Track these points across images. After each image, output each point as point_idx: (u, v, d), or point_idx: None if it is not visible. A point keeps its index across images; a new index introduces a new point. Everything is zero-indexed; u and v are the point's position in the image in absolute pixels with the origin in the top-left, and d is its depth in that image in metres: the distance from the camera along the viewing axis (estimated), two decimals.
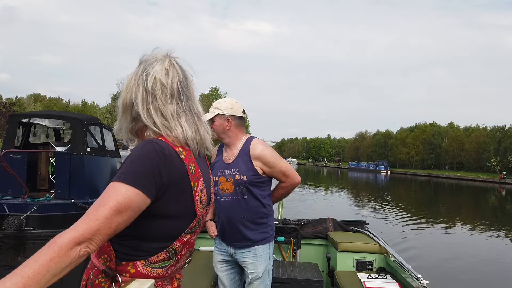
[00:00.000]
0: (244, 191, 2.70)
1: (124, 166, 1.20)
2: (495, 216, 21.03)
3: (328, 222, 4.58)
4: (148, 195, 1.17)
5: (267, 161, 2.72)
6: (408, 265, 3.49)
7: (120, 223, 1.12)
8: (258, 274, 2.74)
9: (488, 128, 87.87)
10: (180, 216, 1.29)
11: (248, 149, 2.73)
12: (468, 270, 8.92)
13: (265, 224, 2.79)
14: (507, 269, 9.33)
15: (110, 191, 1.13)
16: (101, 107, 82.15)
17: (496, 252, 11.16)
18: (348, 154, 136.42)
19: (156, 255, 1.28)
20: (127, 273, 1.27)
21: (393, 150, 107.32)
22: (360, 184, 45.08)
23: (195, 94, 1.42)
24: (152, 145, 1.22)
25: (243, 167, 2.70)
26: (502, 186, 51.40)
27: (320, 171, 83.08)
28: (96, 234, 1.07)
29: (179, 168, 1.26)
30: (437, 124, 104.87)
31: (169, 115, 1.30)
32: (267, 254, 2.79)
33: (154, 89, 1.30)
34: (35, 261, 0.97)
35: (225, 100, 2.81)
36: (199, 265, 3.61)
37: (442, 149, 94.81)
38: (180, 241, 1.31)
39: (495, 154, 77.00)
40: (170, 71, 1.33)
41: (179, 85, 1.34)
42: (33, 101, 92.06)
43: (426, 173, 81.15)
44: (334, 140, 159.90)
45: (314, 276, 3.56)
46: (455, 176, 72.58)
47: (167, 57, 1.36)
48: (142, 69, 1.34)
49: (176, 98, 1.32)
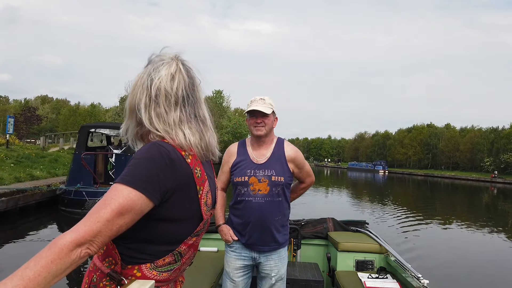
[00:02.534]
0: (280, 193, 2.57)
1: (128, 168, 1.15)
2: (490, 214, 20.88)
3: (328, 222, 4.47)
4: (151, 199, 1.13)
5: (299, 162, 2.67)
6: (408, 265, 3.41)
7: (121, 225, 1.09)
8: (281, 276, 2.65)
9: (484, 129, 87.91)
10: (186, 220, 1.25)
11: (282, 150, 2.62)
12: (467, 269, 8.76)
13: (287, 226, 2.71)
14: (507, 267, 9.17)
15: (112, 193, 1.10)
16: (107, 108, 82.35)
17: (495, 250, 11.02)
18: (348, 154, 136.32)
19: (162, 259, 1.24)
20: (133, 277, 1.22)
21: (391, 150, 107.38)
22: (359, 184, 45.03)
23: (202, 99, 1.36)
24: (157, 148, 1.18)
25: (279, 168, 2.57)
26: (494, 185, 52.02)
27: (320, 171, 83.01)
28: (97, 236, 1.04)
29: (185, 172, 1.22)
30: (434, 125, 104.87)
31: (172, 122, 1.25)
32: (287, 256, 2.73)
33: (158, 96, 1.24)
34: (36, 263, 0.94)
35: (267, 97, 2.63)
36: (199, 266, 3.51)
37: (438, 150, 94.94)
38: (186, 244, 1.28)
39: (488, 154, 77.26)
40: (176, 76, 1.27)
41: (184, 91, 1.28)
42: (41, 103, 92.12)
43: (422, 173, 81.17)
44: (335, 140, 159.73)
45: (315, 276, 3.46)
46: (449, 175, 72.71)
47: (175, 60, 1.29)
48: (148, 72, 1.28)
49: (180, 105, 1.27)
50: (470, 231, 14.17)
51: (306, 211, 13.42)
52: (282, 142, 2.66)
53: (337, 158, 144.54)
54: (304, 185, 2.86)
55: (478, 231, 14.06)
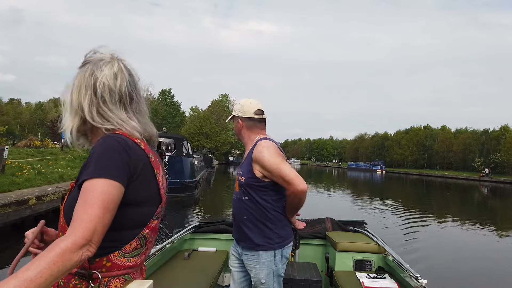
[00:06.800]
0: (245, 192, 2.44)
1: (93, 163, 1.12)
2: (481, 212, 20.73)
3: (326, 222, 4.30)
4: (123, 185, 1.14)
5: (263, 164, 2.35)
6: (406, 265, 3.26)
7: (109, 219, 1.09)
8: (260, 280, 2.44)
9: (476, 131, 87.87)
10: (148, 201, 1.24)
11: (252, 151, 2.45)
12: (465, 268, 8.51)
13: (269, 231, 2.43)
14: (505, 266, 8.88)
15: (90, 191, 1.08)
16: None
17: (494, 249, 10.78)
18: (349, 155, 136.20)
19: (128, 244, 1.20)
20: (103, 268, 1.17)
21: (390, 151, 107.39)
22: (359, 183, 45.10)
23: (142, 95, 1.38)
24: (113, 139, 1.18)
25: (245, 168, 2.46)
26: (482, 183, 53.04)
27: (322, 171, 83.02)
28: (94, 234, 1.03)
29: (141, 157, 1.23)
30: (430, 126, 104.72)
31: (120, 117, 1.26)
32: (271, 262, 2.44)
33: (103, 93, 1.24)
34: (38, 265, 0.92)
35: (240, 101, 2.62)
36: (198, 265, 3.38)
37: (433, 150, 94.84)
38: (148, 227, 1.25)
39: (479, 154, 77.40)
40: (118, 75, 1.27)
41: (127, 88, 1.29)
42: (54, 106, 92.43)
43: (418, 172, 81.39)
44: (336, 141, 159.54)
45: (313, 276, 3.29)
46: (442, 174, 73.23)
47: (115, 60, 1.29)
48: (90, 71, 1.26)
49: (124, 101, 1.28)
50: (466, 229, 13.94)
51: (305, 211, 13.23)
52: (256, 143, 2.50)
53: (338, 159, 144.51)
54: (288, 192, 2.36)
55: (473, 230, 13.83)
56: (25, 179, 12.38)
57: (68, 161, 21.29)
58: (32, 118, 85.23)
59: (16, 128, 74.36)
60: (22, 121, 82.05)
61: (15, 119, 77.91)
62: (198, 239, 4.07)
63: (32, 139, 37.18)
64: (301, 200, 2.38)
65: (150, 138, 1.35)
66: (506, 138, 71.62)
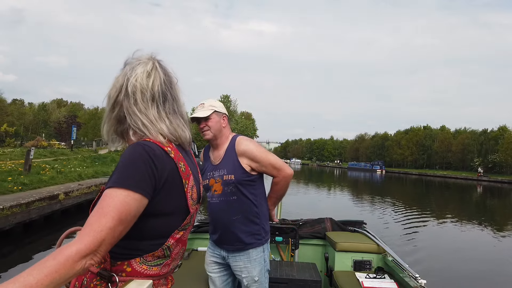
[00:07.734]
0: (234, 191, 2.38)
1: (118, 171, 1.10)
2: (480, 211, 20.62)
3: (326, 222, 4.25)
4: (146, 196, 1.10)
5: (253, 155, 2.38)
6: (406, 265, 3.23)
7: (122, 231, 1.06)
8: (253, 278, 2.41)
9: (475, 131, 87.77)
10: (173, 214, 1.21)
11: (233, 147, 2.42)
12: (464, 268, 8.49)
13: (257, 226, 2.44)
14: (504, 266, 8.83)
15: (109, 199, 1.05)
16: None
17: (493, 249, 10.75)
18: (349, 155, 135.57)
19: (151, 253, 1.19)
20: (123, 272, 1.16)
21: (389, 151, 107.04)
22: (359, 183, 45.04)
23: (180, 96, 1.34)
24: (141, 147, 1.14)
25: (230, 166, 2.39)
26: (480, 183, 53.13)
27: (322, 171, 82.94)
28: (101, 245, 1.00)
29: (170, 166, 1.18)
30: (430, 127, 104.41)
31: (151, 118, 1.22)
32: (261, 258, 2.44)
33: (135, 92, 1.22)
34: (40, 271, 0.90)
35: (213, 100, 2.52)
36: (196, 265, 3.34)
37: (433, 150, 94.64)
38: (173, 238, 1.22)
39: (478, 155, 77.50)
40: (152, 73, 1.25)
41: (161, 87, 1.25)
42: (57, 106, 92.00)
43: (417, 172, 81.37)
44: (337, 141, 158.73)
45: (313, 276, 3.25)
46: (440, 174, 73.36)
47: (151, 60, 1.28)
48: (125, 72, 1.26)
49: (157, 100, 1.24)
50: (465, 229, 13.91)
51: (304, 211, 13.22)
52: (235, 139, 2.48)
53: (338, 159, 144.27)
54: (277, 179, 2.48)
55: (472, 230, 13.81)
56: (50, 177, 13.35)
57: (80, 161, 21.99)
58: (35, 119, 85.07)
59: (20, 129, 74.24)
60: (25, 122, 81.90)
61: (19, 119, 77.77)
62: (198, 239, 4.03)
63: (39, 140, 37.13)
64: (287, 185, 2.54)
65: (185, 141, 1.30)
66: (504, 138, 71.61)
